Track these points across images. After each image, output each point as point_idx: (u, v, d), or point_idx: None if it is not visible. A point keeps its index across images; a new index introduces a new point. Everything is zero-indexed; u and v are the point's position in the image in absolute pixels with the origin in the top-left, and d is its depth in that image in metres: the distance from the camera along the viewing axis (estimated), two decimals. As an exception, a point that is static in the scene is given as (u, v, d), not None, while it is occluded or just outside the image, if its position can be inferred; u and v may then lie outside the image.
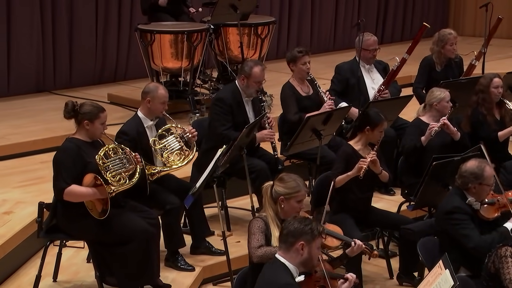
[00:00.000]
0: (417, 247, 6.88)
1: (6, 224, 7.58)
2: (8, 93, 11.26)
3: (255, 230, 6.13)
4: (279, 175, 6.28)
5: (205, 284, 7.55)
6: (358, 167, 7.30)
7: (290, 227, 5.50)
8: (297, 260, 5.49)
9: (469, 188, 6.79)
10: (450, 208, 6.79)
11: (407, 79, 10.95)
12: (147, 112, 7.49)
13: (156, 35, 10.29)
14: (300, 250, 5.47)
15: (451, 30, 10.07)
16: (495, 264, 6.19)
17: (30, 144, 9.53)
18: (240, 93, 8.21)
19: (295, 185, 6.15)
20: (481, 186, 6.77)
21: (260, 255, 6.04)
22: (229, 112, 8.09)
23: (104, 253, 6.84)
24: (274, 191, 6.16)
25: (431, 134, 8.11)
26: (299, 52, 8.66)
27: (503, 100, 8.72)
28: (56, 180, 6.74)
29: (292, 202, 6.14)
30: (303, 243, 5.46)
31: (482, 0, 12.83)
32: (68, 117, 6.85)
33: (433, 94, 8.38)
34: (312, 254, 5.50)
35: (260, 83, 8.27)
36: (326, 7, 14.21)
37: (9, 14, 11.10)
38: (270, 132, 8.08)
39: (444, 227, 6.83)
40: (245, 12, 10.53)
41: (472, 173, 6.76)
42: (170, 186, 7.53)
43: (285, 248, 5.51)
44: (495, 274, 6.20)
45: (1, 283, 7.17)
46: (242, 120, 8.14)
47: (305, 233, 5.47)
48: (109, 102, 10.94)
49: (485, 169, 6.76)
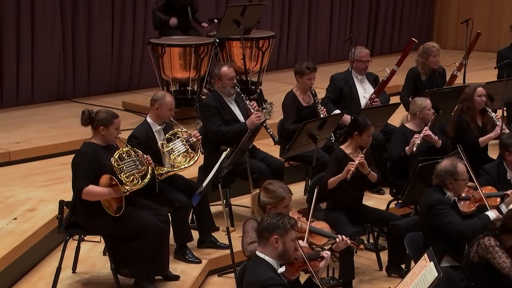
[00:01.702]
0: (404, 242, 6.87)
1: (30, 220, 7.58)
2: (32, 101, 11.25)
3: (249, 229, 6.12)
4: (264, 184, 6.19)
5: (211, 275, 7.53)
6: (346, 170, 7.30)
7: (264, 223, 5.46)
8: (274, 253, 5.42)
9: (446, 185, 6.81)
10: (432, 202, 6.80)
11: (395, 88, 10.94)
12: (155, 117, 7.48)
13: (166, 48, 10.29)
14: (275, 244, 5.40)
15: (434, 43, 10.06)
16: (479, 253, 6.17)
17: (51, 148, 9.52)
18: (220, 95, 8.19)
19: (279, 194, 6.07)
20: (457, 181, 6.79)
21: (251, 249, 6.00)
22: (216, 113, 8.08)
23: (118, 247, 6.83)
24: (261, 200, 6.11)
25: (413, 148, 8.11)
26: (307, 68, 8.63)
27: (486, 109, 8.70)
28: (75, 181, 6.73)
29: (279, 208, 6.07)
30: (277, 236, 5.40)
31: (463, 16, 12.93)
32: (85, 124, 6.84)
33: (415, 104, 8.38)
34: (287, 246, 5.43)
35: (232, 79, 8.19)
36: (321, 22, 14.21)
37: (33, 29, 11.09)
38: (257, 115, 8.05)
39: (428, 220, 6.82)
40: (248, 27, 10.53)
41: (446, 170, 6.79)
42: (179, 186, 7.51)
43: (262, 243, 5.47)
44: (478, 263, 6.18)
45: (25, 274, 7.17)
46: (231, 117, 8.14)
47: (277, 227, 5.40)
48: (124, 109, 10.93)
49: (458, 166, 6.80)
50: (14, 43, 10.95)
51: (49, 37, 11.22)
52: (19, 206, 7.90)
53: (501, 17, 14.99)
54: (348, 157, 7.42)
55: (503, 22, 14.49)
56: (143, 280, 6.87)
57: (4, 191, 8.32)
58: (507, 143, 7.54)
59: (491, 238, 6.16)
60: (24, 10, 10.96)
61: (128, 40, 11.99)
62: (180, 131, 7.56)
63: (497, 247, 6.10)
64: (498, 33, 14.74)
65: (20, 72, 11.09)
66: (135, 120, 10.08)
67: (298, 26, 13.94)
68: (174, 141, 7.48)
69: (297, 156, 8.47)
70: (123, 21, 11.90)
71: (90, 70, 11.75)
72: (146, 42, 10.97)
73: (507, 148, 7.52)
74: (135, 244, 6.73)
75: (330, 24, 14.36)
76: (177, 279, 7.08)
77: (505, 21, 13.91)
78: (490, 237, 6.17)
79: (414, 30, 15.45)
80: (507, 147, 7.52)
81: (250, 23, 10.59)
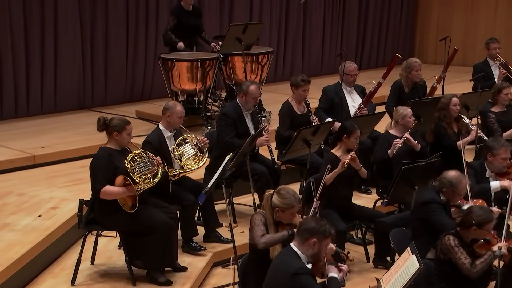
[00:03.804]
0: (389, 237, 6.85)
1: (53, 217, 7.56)
2: (55, 110, 11.23)
3: (258, 222, 6.08)
4: (279, 188, 6.16)
5: (215, 267, 7.52)
6: (341, 163, 7.30)
7: (308, 225, 5.49)
8: (308, 252, 5.48)
9: (443, 191, 6.77)
10: (428, 199, 6.77)
11: (381, 99, 10.91)
12: (167, 125, 7.46)
13: (175, 62, 10.26)
14: (312, 245, 5.45)
15: (416, 58, 10.08)
16: (443, 252, 6.12)
17: (72, 152, 9.50)
18: (240, 108, 8.16)
19: (289, 202, 6.03)
20: (454, 193, 6.75)
21: (265, 241, 5.99)
22: (232, 124, 8.05)
23: (132, 241, 6.82)
24: (273, 202, 6.08)
25: (394, 151, 8.13)
26: (302, 81, 8.64)
27: (461, 116, 8.76)
28: (93, 182, 6.72)
29: (286, 213, 6.06)
30: (316, 240, 5.44)
31: (442, 34, 12.97)
32: (100, 130, 6.83)
33: (398, 112, 8.42)
34: (320, 250, 5.49)
35: (256, 98, 8.21)
36: (315, 39, 14.19)
37: (56, 47, 11.08)
38: (266, 138, 8.02)
39: (420, 214, 6.78)
40: (248, 43, 10.50)
41: (449, 180, 6.73)
42: (187, 186, 7.49)
43: (300, 240, 5.49)
44: (444, 260, 6.13)
45: (48, 265, 7.16)
46: (244, 130, 8.10)
47: (319, 232, 5.45)
48: (137, 117, 10.91)
49: (461, 182, 6.74)
50: (39, 59, 10.95)
51: (70, 53, 11.22)
52: (43, 205, 7.89)
53: (476, 34, 14.98)
54: (338, 159, 7.42)
55: (478, 39, 14.47)
56: (154, 271, 6.85)
57: (30, 191, 8.31)
58: (490, 146, 7.60)
59: (451, 237, 6.08)
60: (48, 30, 10.95)
61: (141, 56, 11.97)
62: (189, 136, 7.54)
63: (456, 247, 6.03)
64: (473, 49, 14.72)
65: (44, 85, 11.08)
66: (147, 127, 10.06)
67: (294, 43, 13.92)
68: (184, 146, 7.46)
69: (293, 159, 8.45)
70: (137, 39, 11.88)
71: (107, 82, 11.73)
72: (157, 57, 10.93)
73: (490, 150, 7.58)
74: (147, 239, 6.71)
75: (322, 41, 14.35)
76: (185, 270, 7.05)
77: (480, 38, 13.91)
78: (450, 235, 6.10)
79: (398, 46, 15.44)
80: (490, 149, 7.58)
81: (251, 40, 10.57)
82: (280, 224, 6.12)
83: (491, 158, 7.57)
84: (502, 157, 7.53)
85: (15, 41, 10.68)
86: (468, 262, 5.98)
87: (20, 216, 7.58)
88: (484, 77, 10.53)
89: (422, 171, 7.39)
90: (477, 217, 6.05)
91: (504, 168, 7.58)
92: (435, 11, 15.68)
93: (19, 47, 10.73)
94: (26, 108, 10.99)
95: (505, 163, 7.56)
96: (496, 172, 7.59)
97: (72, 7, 11.12)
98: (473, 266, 5.95)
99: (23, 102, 10.93)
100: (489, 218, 6.12)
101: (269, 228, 6.08)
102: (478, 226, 6.05)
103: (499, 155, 7.53)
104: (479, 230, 6.07)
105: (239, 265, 6.36)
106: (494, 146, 7.56)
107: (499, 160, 7.54)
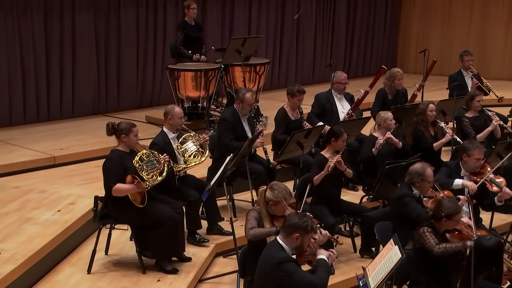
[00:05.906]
0: (374, 229, 6.85)
1: (71, 212, 7.55)
2: (73, 115, 11.21)
3: (250, 217, 6.08)
4: (271, 184, 6.14)
5: (217, 257, 7.51)
6: (327, 166, 7.31)
7: (291, 221, 5.44)
8: (292, 245, 5.44)
9: (414, 183, 6.82)
10: (401, 194, 6.83)
11: (367, 105, 10.89)
12: (169, 127, 7.45)
13: (181, 72, 10.26)
14: (295, 240, 5.42)
15: (398, 69, 10.10)
16: (419, 241, 6.13)
17: (88, 153, 9.48)
18: (238, 113, 8.15)
19: (281, 196, 6.00)
20: (423, 181, 6.80)
21: (252, 234, 5.99)
22: (231, 128, 8.03)
23: (142, 234, 6.80)
24: (266, 196, 6.06)
25: (377, 147, 8.16)
26: (298, 91, 8.65)
27: (436, 120, 8.80)
28: (105, 181, 6.72)
29: (279, 207, 6.03)
30: (298, 235, 5.40)
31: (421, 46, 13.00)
32: (109, 134, 6.84)
33: (379, 116, 8.46)
34: (303, 243, 5.45)
35: (251, 105, 8.20)
36: (307, 51, 14.18)
37: (74, 59, 11.08)
38: (261, 140, 8.00)
39: (397, 209, 6.81)
40: (247, 55, 10.50)
41: (416, 171, 6.82)
42: (191, 184, 7.48)
43: (284, 235, 5.46)
44: (420, 249, 6.14)
45: (67, 255, 7.15)
46: (241, 133, 8.09)
47: (301, 228, 5.40)
48: (147, 122, 10.90)
49: (426, 169, 6.83)
50: (58, 70, 10.93)
51: (86, 65, 11.21)
52: (62, 201, 7.88)
53: (451, 47, 14.98)
54: (327, 160, 7.41)
55: (453, 51, 14.46)
56: (163, 260, 6.85)
57: (50, 188, 8.30)
58: (466, 147, 7.59)
59: (425, 228, 6.12)
60: (67, 44, 10.94)
61: (150, 66, 11.96)
62: (190, 135, 7.54)
63: (428, 233, 6.06)
64: (449, 60, 14.71)
65: (63, 93, 11.06)
66: (156, 130, 10.00)
67: (288, 54, 13.92)
68: (187, 143, 7.46)
69: (287, 159, 8.44)
70: (146, 51, 11.87)
71: (119, 90, 11.71)
72: (164, 68, 10.93)
73: (465, 151, 7.56)
74: (155, 232, 6.70)
75: (314, 52, 14.35)
76: (190, 260, 7.04)
77: (455, 50, 13.89)
78: (425, 227, 6.13)
79: (382, 58, 15.44)
80: (465, 150, 7.57)
81: (249, 52, 10.57)
82: (275, 217, 6.10)
83: (466, 159, 7.56)
84: (476, 158, 7.52)
85: (37, 56, 10.67)
86: (435, 241, 6.02)
87: (41, 211, 7.57)
88: (458, 86, 10.57)
89: (404, 170, 7.38)
90: (446, 210, 6.12)
91: (477, 168, 7.57)
92: (415, 26, 15.69)
93: (41, 62, 10.71)
94: (47, 114, 10.97)
95: (479, 163, 7.56)
96: (470, 171, 7.58)
97: (88, 25, 11.11)
98: (439, 246, 5.99)
99: (44, 108, 10.92)
100: (457, 209, 6.17)
101: (264, 221, 6.06)
102: (448, 217, 6.11)
103: (473, 155, 7.52)
104: (449, 221, 6.13)
105: (239, 255, 6.34)
106: (469, 148, 7.55)
107: (473, 161, 7.53)
